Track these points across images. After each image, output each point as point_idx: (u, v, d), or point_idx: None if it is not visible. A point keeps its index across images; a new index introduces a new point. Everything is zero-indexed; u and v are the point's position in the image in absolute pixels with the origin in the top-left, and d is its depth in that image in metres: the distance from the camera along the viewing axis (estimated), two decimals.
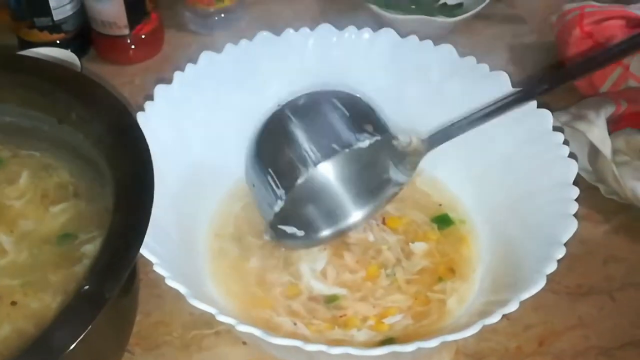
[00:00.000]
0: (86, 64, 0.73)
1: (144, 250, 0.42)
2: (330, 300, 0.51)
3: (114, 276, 0.38)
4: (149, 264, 0.54)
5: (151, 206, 0.42)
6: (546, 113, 0.52)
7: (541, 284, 0.42)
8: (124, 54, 0.76)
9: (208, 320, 0.52)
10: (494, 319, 0.41)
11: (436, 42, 0.59)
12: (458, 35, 0.77)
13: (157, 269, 0.43)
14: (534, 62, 0.77)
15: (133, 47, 0.76)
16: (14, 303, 0.45)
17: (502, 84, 0.55)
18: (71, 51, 0.72)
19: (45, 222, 0.50)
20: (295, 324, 0.50)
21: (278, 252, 0.55)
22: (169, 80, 0.56)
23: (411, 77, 0.59)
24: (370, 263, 0.54)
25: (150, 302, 0.54)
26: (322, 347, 0.39)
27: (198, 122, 0.57)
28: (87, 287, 0.37)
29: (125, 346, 0.49)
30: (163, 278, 0.43)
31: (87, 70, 0.71)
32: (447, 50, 0.58)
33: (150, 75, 0.75)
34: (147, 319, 0.53)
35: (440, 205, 0.58)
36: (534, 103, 0.53)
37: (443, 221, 0.56)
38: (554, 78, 0.52)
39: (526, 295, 0.42)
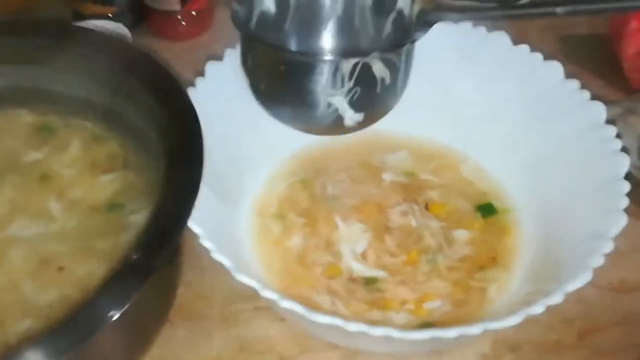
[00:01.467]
0: (137, 39, 0.74)
1: (191, 223, 0.42)
2: (370, 282, 0.51)
3: (162, 246, 0.39)
4: (193, 237, 0.55)
5: (200, 179, 0.42)
6: (599, 106, 0.52)
7: (587, 277, 0.42)
8: (174, 30, 0.77)
9: (248, 295, 0.53)
10: (538, 309, 0.40)
11: (488, 29, 0.58)
12: (509, 24, 0.76)
13: (203, 241, 0.44)
14: (587, 54, 0.75)
15: (183, 23, 0.76)
16: (60, 268, 0.47)
17: (554, 74, 0.54)
18: (123, 25, 0.72)
19: (94, 190, 0.51)
20: (334, 303, 0.50)
21: (320, 232, 0.55)
22: (218, 58, 0.56)
23: (461, 62, 0.59)
24: (412, 248, 0.53)
25: (192, 274, 0.54)
26: (363, 327, 0.39)
27: (246, 101, 0.57)
28: (135, 256, 0.38)
29: (167, 316, 0.50)
30: (205, 252, 0.44)
31: (137, 45, 0.72)
32: (500, 37, 0.57)
33: (199, 52, 0.76)
34: (189, 291, 0.54)
35: (485, 193, 0.57)
36: (586, 94, 0.52)
37: (487, 210, 0.56)
38: None
39: (571, 287, 0.42)
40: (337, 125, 0.51)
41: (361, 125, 0.52)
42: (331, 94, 0.48)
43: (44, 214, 0.50)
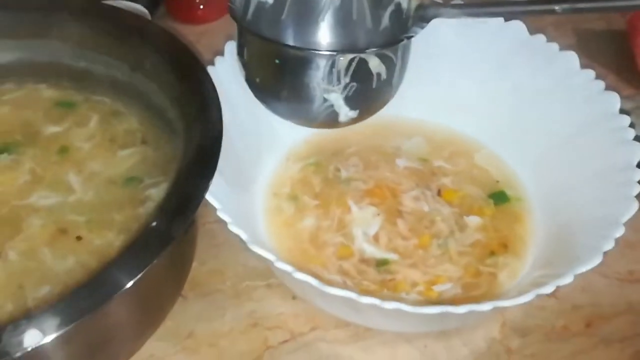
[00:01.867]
0: (155, 22, 0.75)
1: (209, 196, 0.43)
2: (381, 264, 0.52)
3: (181, 216, 0.40)
4: (208, 214, 0.56)
5: (219, 154, 0.43)
6: (613, 95, 0.52)
7: (598, 259, 0.42)
8: (192, 13, 0.78)
9: (261, 272, 0.54)
10: (548, 289, 0.41)
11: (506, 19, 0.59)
12: (524, 18, 0.77)
13: (221, 214, 0.45)
14: (602, 50, 0.76)
15: (202, 6, 0.77)
16: (79, 238, 0.47)
17: (570, 64, 0.55)
18: (142, 6, 0.73)
19: (112, 164, 0.52)
20: (345, 282, 0.51)
21: (333, 214, 0.55)
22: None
23: (479, 51, 0.59)
24: (423, 232, 0.54)
25: (206, 251, 0.55)
26: (376, 301, 0.40)
27: None
28: (154, 223, 0.39)
29: (180, 290, 0.51)
30: (220, 230, 0.45)
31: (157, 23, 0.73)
32: (517, 26, 0.58)
33: (217, 35, 0.76)
34: (202, 266, 0.55)
35: (497, 181, 0.58)
36: (601, 84, 0.53)
37: (499, 197, 0.56)
38: None
39: (582, 269, 0.42)
40: (331, 121, 0.52)
41: (356, 120, 0.53)
42: (327, 89, 0.49)
43: (63, 186, 0.51)
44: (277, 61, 0.50)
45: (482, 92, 0.59)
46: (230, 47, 0.56)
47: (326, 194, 0.57)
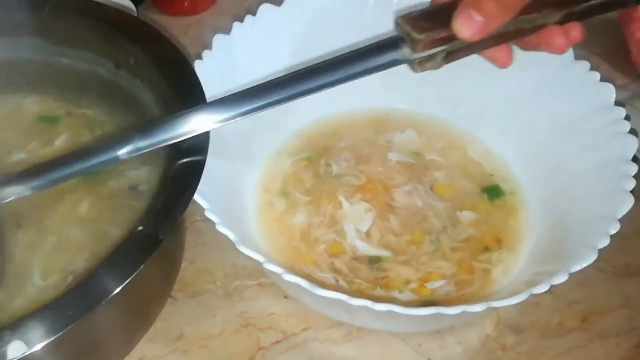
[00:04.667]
0: (142, 14, 0.73)
1: (197, 196, 0.42)
2: (374, 261, 0.51)
3: (168, 218, 0.39)
4: (196, 212, 0.55)
5: (206, 153, 0.42)
6: (609, 87, 0.51)
7: (593, 257, 0.42)
8: (179, 5, 0.76)
9: (251, 272, 0.53)
10: (542, 288, 0.40)
11: None
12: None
13: (209, 214, 0.44)
14: (595, 38, 0.74)
15: None
16: None
17: (564, 55, 0.53)
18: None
19: None
20: (337, 281, 0.50)
21: (324, 210, 0.55)
22: (225, 31, 0.56)
23: None
24: (416, 228, 0.53)
25: (195, 250, 0.54)
26: (367, 303, 0.39)
27: (253, 75, 0.56)
28: (141, 227, 0.38)
29: (169, 292, 0.50)
30: (209, 228, 0.44)
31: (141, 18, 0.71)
32: None
33: (205, 27, 0.75)
34: (192, 266, 0.54)
35: (491, 175, 0.57)
36: (596, 75, 0.52)
37: (493, 192, 0.56)
38: None
39: (576, 267, 0.41)
40: None
41: None
42: None
43: None
44: None
45: (474, 83, 0.58)
46: (219, 41, 0.55)
47: (317, 190, 0.56)
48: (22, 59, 0.55)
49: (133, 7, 0.70)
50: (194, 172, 0.41)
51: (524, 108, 0.56)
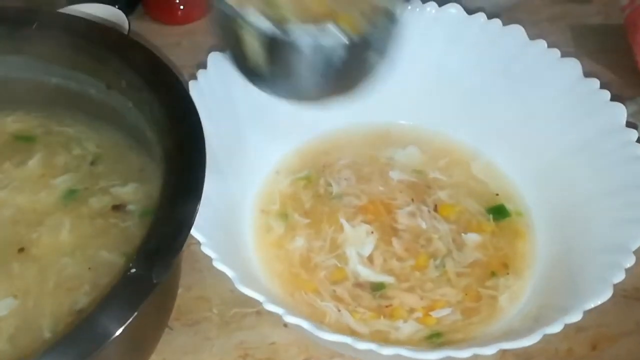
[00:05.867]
0: (133, 23, 0.71)
1: (193, 231, 0.40)
2: (377, 288, 0.49)
3: (163, 261, 0.37)
4: (191, 237, 0.52)
5: (202, 188, 0.40)
6: (619, 107, 0.49)
7: (607, 294, 0.40)
8: (172, 13, 0.74)
9: (249, 298, 0.50)
10: (556, 328, 0.39)
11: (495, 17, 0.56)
12: (518, 13, 0.74)
13: (205, 249, 0.42)
14: (599, 45, 0.73)
15: (182, 7, 0.73)
16: None
17: (573, 72, 0.52)
18: (118, 8, 0.70)
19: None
20: (339, 310, 0.48)
21: (325, 234, 0.53)
22: (216, 44, 0.53)
23: (474, 57, 0.56)
24: (420, 252, 0.52)
25: (192, 276, 0.53)
26: (373, 346, 0.37)
27: (249, 93, 0.54)
28: (133, 270, 0.36)
29: (166, 322, 0.48)
30: (205, 254, 0.42)
31: (134, 29, 0.69)
32: (516, 31, 0.54)
33: (199, 36, 0.73)
34: (188, 293, 0.52)
35: (497, 194, 0.55)
36: (606, 95, 0.50)
37: (499, 212, 0.54)
38: None
39: (590, 304, 0.40)
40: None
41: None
42: None
43: None
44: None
45: (478, 98, 0.57)
46: (214, 59, 0.52)
47: (317, 211, 0.55)
48: (8, 77, 0.53)
49: (124, 16, 0.68)
50: (189, 209, 0.39)
51: (530, 124, 0.55)
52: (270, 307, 0.39)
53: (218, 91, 0.52)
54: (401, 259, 0.51)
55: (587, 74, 0.52)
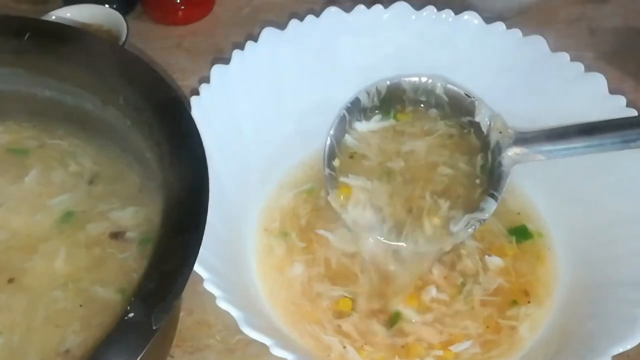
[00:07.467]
0: (132, 23, 0.67)
1: (196, 266, 0.37)
2: (392, 321, 0.47)
3: (163, 304, 0.34)
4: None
5: (205, 219, 0.37)
6: None
7: (638, 338, 0.37)
8: (172, 14, 0.71)
9: None
10: None
11: (509, 20, 0.53)
12: (532, 15, 0.70)
13: (208, 286, 0.39)
14: (618, 49, 0.69)
15: (183, 7, 0.70)
16: None
17: (597, 87, 0.49)
18: (116, 8, 0.66)
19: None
20: (344, 347, 0.45)
21: (318, 260, 0.50)
22: (218, 46, 0.50)
23: (494, 68, 0.53)
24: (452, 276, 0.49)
25: (193, 299, 0.50)
26: None
27: (254, 106, 0.52)
28: (132, 314, 0.33)
29: (167, 353, 0.46)
30: None
31: (132, 30, 0.65)
32: (538, 42, 0.51)
33: (200, 38, 0.70)
34: (189, 317, 0.49)
35: (518, 213, 0.52)
36: (634, 114, 0.47)
37: (521, 233, 0.51)
38: None
39: (619, 349, 0.37)
40: None
41: None
42: None
43: None
44: None
45: (497, 110, 0.53)
46: (217, 72, 0.49)
47: (311, 228, 0.52)
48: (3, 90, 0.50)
49: (122, 18, 0.65)
50: (194, 235, 0.36)
51: None
52: (277, 352, 0.37)
53: (221, 106, 0.49)
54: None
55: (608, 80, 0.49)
